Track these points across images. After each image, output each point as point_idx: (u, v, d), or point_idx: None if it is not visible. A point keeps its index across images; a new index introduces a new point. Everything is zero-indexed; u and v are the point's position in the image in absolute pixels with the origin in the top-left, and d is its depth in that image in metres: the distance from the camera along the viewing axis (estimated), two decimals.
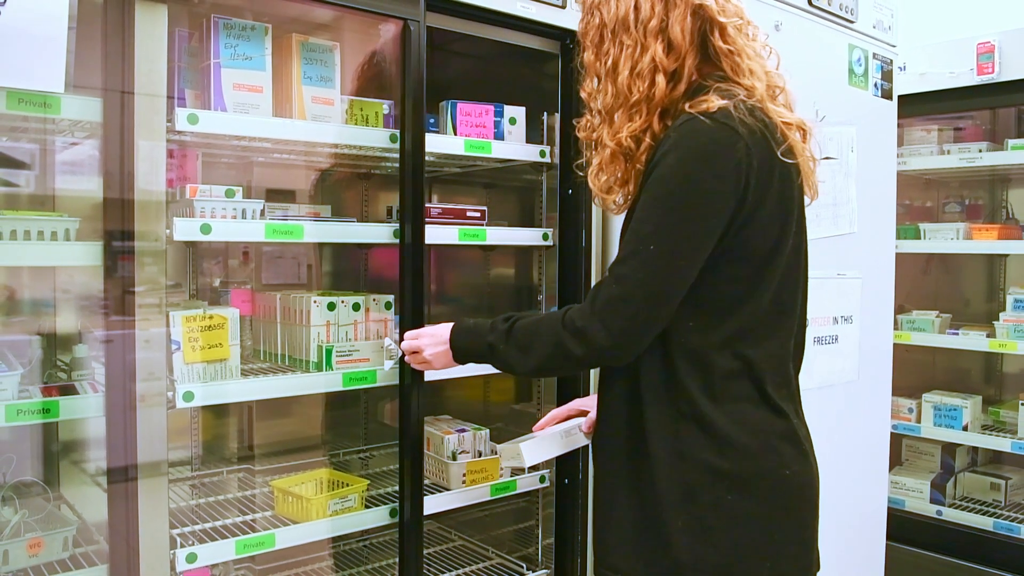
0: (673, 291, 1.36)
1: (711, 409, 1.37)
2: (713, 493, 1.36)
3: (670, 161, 1.34)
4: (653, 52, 1.39)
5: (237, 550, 1.71)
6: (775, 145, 1.37)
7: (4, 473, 1.80)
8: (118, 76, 1.45)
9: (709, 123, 1.32)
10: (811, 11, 2.26)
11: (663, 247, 1.34)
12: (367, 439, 2.54)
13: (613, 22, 1.42)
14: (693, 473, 1.36)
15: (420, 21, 1.78)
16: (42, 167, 1.98)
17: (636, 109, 1.40)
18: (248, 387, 1.76)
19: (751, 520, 1.37)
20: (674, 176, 1.34)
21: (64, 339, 1.94)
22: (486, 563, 2.36)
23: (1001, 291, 3.39)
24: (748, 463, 1.37)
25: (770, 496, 1.38)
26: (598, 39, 1.45)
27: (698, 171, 1.33)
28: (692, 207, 1.33)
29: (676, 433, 1.38)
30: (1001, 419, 3.21)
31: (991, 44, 2.92)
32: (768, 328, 1.43)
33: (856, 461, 2.45)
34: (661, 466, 1.38)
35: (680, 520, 1.36)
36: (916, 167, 3.31)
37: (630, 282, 1.35)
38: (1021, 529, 2.93)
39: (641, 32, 1.39)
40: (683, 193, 1.33)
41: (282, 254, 2.41)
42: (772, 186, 1.37)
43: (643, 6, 1.39)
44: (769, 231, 1.39)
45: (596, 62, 1.46)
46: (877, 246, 2.54)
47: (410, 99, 1.80)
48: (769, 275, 1.40)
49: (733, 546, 1.36)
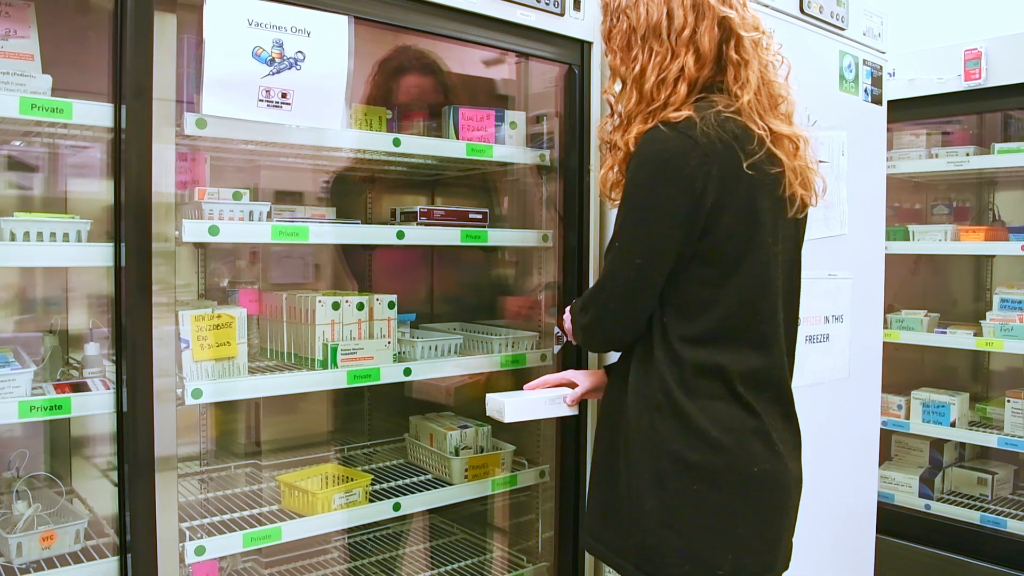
0: (634, 286, 1.43)
1: (686, 402, 1.40)
2: (680, 482, 1.39)
3: (631, 167, 1.41)
4: (683, 61, 1.40)
5: (244, 543, 1.71)
6: (744, 156, 1.37)
7: (18, 468, 1.80)
8: (131, 81, 1.45)
9: (667, 132, 1.37)
10: (803, 19, 2.25)
11: (624, 246, 1.44)
12: (371, 435, 2.54)
13: (644, 28, 1.42)
14: (664, 461, 1.41)
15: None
16: (54, 170, 1.98)
17: (653, 115, 1.42)
18: (255, 384, 1.76)
19: (716, 511, 1.40)
20: (631, 182, 1.42)
21: (75, 337, 1.95)
22: (487, 556, 2.36)
23: (988, 291, 3.39)
24: (717, 457, 1.39)
25: (737, 490, 1.40)
26: (625, 43, 1.46)
27: (649, 178, 1.39)
28: (646, 210, 1.40)
29: (651, 421, 1.43)
30: (988, 415, 3.21)
31: (978, 51, 2.92)
32: (743, 333, 1.44)
33: (847, 456, 2.45)
34: (636, 451, 1.44)
35: (648, 504, 1.41)
36: (905, 170, 3.31)
37: (602, 276, 1.51)
38: (1007, 522, 2.93)
39: (673, 40, 1.40)
40: (638, 198, 1.41)
41: (289, 255, 2.41)
42: (737, 194, 1.38)
43: (676, 14, 1.40)
44: (735, 238, 1.41)
45: (622, 66, 1.47)
46: (867, 247, 2.53)
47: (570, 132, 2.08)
48: (737, 280, 1.42)
49: (697, 534, 1.39)
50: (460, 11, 1.85)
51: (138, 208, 1.47)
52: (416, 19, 1.80)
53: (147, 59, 1.46)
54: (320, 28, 1.62)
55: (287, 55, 1.58)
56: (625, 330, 1.50)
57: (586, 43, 2.07)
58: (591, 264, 2.14)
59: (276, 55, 1.57)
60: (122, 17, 1.44)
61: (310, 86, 1.62)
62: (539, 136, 2.22)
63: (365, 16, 1.71)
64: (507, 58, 2.29)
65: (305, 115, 1.64)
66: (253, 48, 1.54)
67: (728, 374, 1.42)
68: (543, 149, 2.18)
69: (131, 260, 1.47)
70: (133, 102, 1.45)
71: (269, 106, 1.59)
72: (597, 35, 2.09)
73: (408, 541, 2.44)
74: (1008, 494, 3.20)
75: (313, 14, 1.61)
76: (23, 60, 1.54)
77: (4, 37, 1.53)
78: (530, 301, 2.39)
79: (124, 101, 1.45)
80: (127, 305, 1.47)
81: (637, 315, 1.47)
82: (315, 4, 1.62)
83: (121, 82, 1.45)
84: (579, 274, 2.13)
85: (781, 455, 1.46)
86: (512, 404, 1.69)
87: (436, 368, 2.04)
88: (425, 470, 2.23)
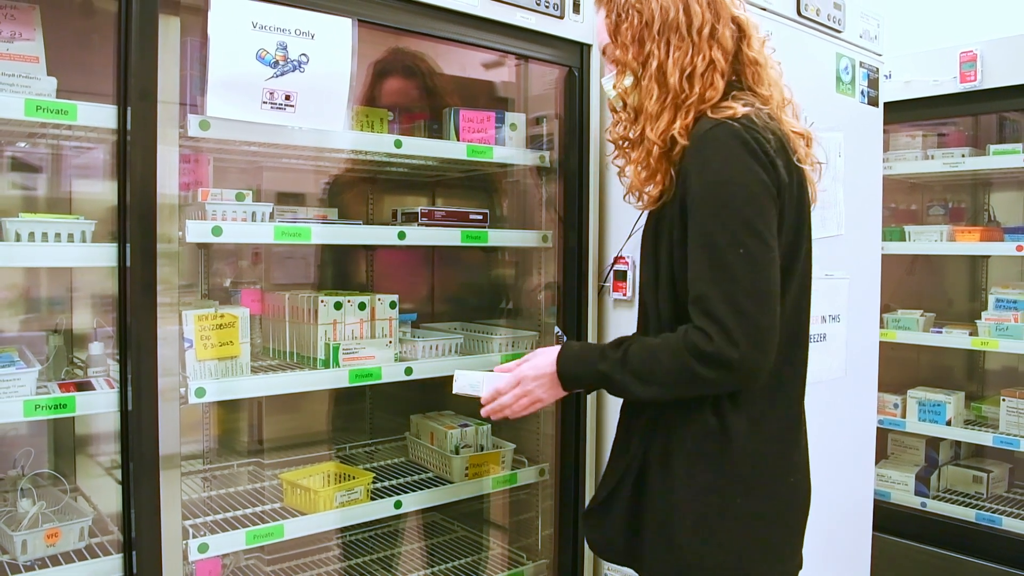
0: (775, 286, 1.30)
1: (732, 413, 1.34)
2: (723, 496, 1.34)
3: (715, 166, 1.31)
4: (711, 56, 1.38)
5: (247, 540, 1.71)
6: (790, 153, 1.37)
7: (23, 466, 1.80)
8: (135, 84, 1.45)
9: (739, 128, 1.31)
10: (800, 21, 2.25)
11: (749, 248, 1.27)
12: (372, 434, 2.54)
13: (659, 23, 1.38)
14: (708, 474, 1.34)
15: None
16: (58, 171, 1.98)
17: (686, 109, 1.37)
18: (258, 383, 1.76)
19: (755, 522, 1.36)
20: (725, 182, 1.30)
21: (80, 337, 1.95)
22: (487, 553, 2.36)
23: (983, 291, 3.39)
24: (761, 469, 1.36)
25: (773, 499, 1.38)
26: (637, 38, 1.41)
27: (742, 173, 1.30)
28: (752, 204, 1.29)
29: (696, 433, 1.35)
30: (983, 414, 3.21)
31: (973, 53, 2.92)
32: (793, 336, 1.40)
33: (844, 455, 2.45)
34: (677, 464, 1.36)
35: (688, 519, 1.34)
36: (901, 171, 3.31)
37: (737, 293, 1.26)
38: (1002, 520, 2.93)
39: (696, 35, 1.37)
40: (741, 195, 1.29)
41: (291, 255, 2.41)
42: (791, 192, 1.36)
43: (694, 10, 1.38)
44: (791, 238, 1.37)
45: (634, 61, 1.42)
46: (864, 247, 2.54)
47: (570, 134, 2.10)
48: (792, 282, 1.38)
49: (737, 546, 1.34)
50: (461, 14, 1.85)
51: (142, 209, 1.47)
52: (419, 22, 1.80)
53: (151, 62, 1.46)
54: (324, 31, 1.62)
55: (291, 57, 1.58)
56: (770, 351, 1.28)
57: (585, 45, 2.08)
58: (590, 264, 2.14)
59: (280, 57, 1.57)
60: (127, 20, 1.44)
61: (313, 88, 1.62)
62: (539, 138, 2.23)
63: (368, 19, 1.72)
64: (507, 60, 2.29)
65: (308, 117, 1.64)
66: (257, 50, 1.54)
67: (781, 380, 1.38)
68: (543, 150, 2.18)
69: (135, 260, 1.47)
70: (138, 104, 1.46)
71: (273, 108, 1.59)
72: (596, 38, 2.09)
73: (409, 538, 2.45)
74: (1003, 492, 3.21)
75: (317, 17, 1.61)
76: (28, 62, 1.54)
77: (9, 40, 1.53)
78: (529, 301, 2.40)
79: (129, 103, 1.45)
80: (131, 305, 1.48)
81: (777, 325, 1.29)
82: (319, 7, 1.63)
83: (126, 84, 1.45)
84: (578, 274, 2.14)
85: (807, 464, 1.45)
86: (463, 375, 1.62)
87: (437, 367, 2.04)
88: (426, 468, 2.23)
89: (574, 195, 2.12)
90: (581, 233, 2.12)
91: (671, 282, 1.39)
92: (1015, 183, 3.37)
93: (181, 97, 1.53)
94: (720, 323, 1.26)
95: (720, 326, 1.26)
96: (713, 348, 1.26)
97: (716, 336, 1.26)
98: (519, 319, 2.44)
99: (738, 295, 1.26)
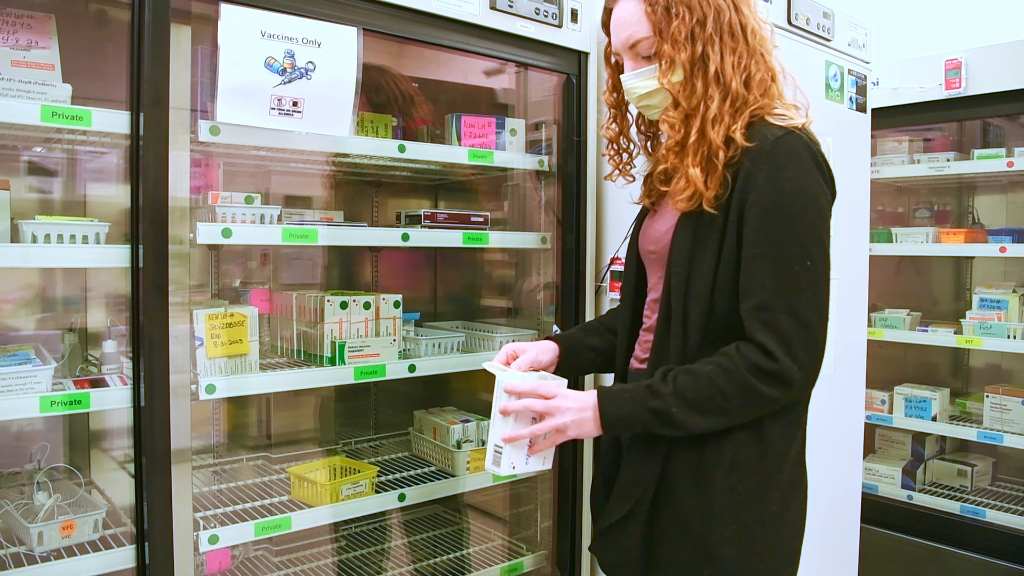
0: (829, 303, 1.25)
1: (769, 421, 1.29)
2: (763, 505, 1.29)
3: (790, 175, 1.24)
4: (767, 61, 1.34)
5: (256, 532, 1.72)
6: None
7: (39, 460, 1.80)
8: (148, 90, 1.45)
9: (806, 139, 1.27)
10: (790, 30, 2.26)
11: (816, 262, 1.23)
12: (377, 429, 2.55)
13: (713, 25, 1.30)
14: (748, 483, 1.28)
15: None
16: (73, 175, 1.98)
17: (741, 112, 1.30)
18: (266, 380, 1.77)
19: (785, 529, 1.33)
20: (799, 192, 1.24)
21: (94, 335, 1.95)
22: (488, 544, 2.36)
23: (967, 291, 3.40)
24: (791, 474, 1.34)
25: (796, 505, 1.36)
26: (688, 35, 1.30)
27: (814, 185, 1.26)
28: (822, 219, 1.26)
29: (735, 442, 1.28)
30: (968, 410, 3.21)
31: (958, 61, 2.92)
32: None
33: (833, 450, 2.45)
34: (719, 475, 1.28)
35: (728, 529, 1.28)
36: (888, 175, 3.31)
37: (800, 305, 1.21)
38: (986, 512, 2.93)
39: (753, 40, 1.33)
40: (813, 208, 1.25)
41: (298, 256, 2.42)
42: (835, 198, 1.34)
43: (747, 15, 1.33)
44: None
45: (687, 59, 1.30)
46: (852, 249, 2.54)
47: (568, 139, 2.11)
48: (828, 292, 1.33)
49: (773, 555, 1.31)
50: (463, 23, 1.85)
51: (155, 211, 1.47)
52: (422, 31, 1.80)
53: (163, 69, 1.46)
54: (330, 39, 1.62)
55: (298, 65, 1.58)
56: (821, 367, 1.26)
57: (583, 54, 2.08)
58: (588, 265, 2.14)
59: (288, 65, 1.57)
60: (139, 29, 1.45)
61: (320, 95, 1.62)
62: (538, 142, 2.23)
63: (373, 28, 1.72)
64: (507, 68, 2.29)
65: (315, 123, 1.65)
66: (266, 58, 1.55)
67: None
68: (542, 155, 2.18)
69: (148, 261, 1.47)
70: (150, 110, 1.46)
71: (280, 114, 1.59)
72: (594, 46, 2.09)
73: (413, 530, 2.45)
74: (987, 485, 3.21)
75: (324, 26, 1.61)
76: (44, 70, 1.54)
77: (26, 48, 1.53)
78: (529, 301, 2.40)
79: (142, 109, 1.46)
80: (144, 304, 1.48)
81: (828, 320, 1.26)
82: (325, 16, 1.63)
83: (139, 91, 1.46)
84: (576, 275, 2.14)
85: None
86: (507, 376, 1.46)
87: (439, 365, 2.04)
88: (429, 462, 2.23)
89: (572, 198, 2.12)
90: (579, 235, 2.12)
91: (710, 287, 1.29)
92: (998, 186, 3.38)
93: (192, 103, 1.54)
94: (781, 335, 1.21)
95: (781, 338, 1.21)
96: (777, 367, 1.20)
97: (777, 351, 1.20)
98: (519, 318, 2.44)
99: (801, 307, 1.21)
